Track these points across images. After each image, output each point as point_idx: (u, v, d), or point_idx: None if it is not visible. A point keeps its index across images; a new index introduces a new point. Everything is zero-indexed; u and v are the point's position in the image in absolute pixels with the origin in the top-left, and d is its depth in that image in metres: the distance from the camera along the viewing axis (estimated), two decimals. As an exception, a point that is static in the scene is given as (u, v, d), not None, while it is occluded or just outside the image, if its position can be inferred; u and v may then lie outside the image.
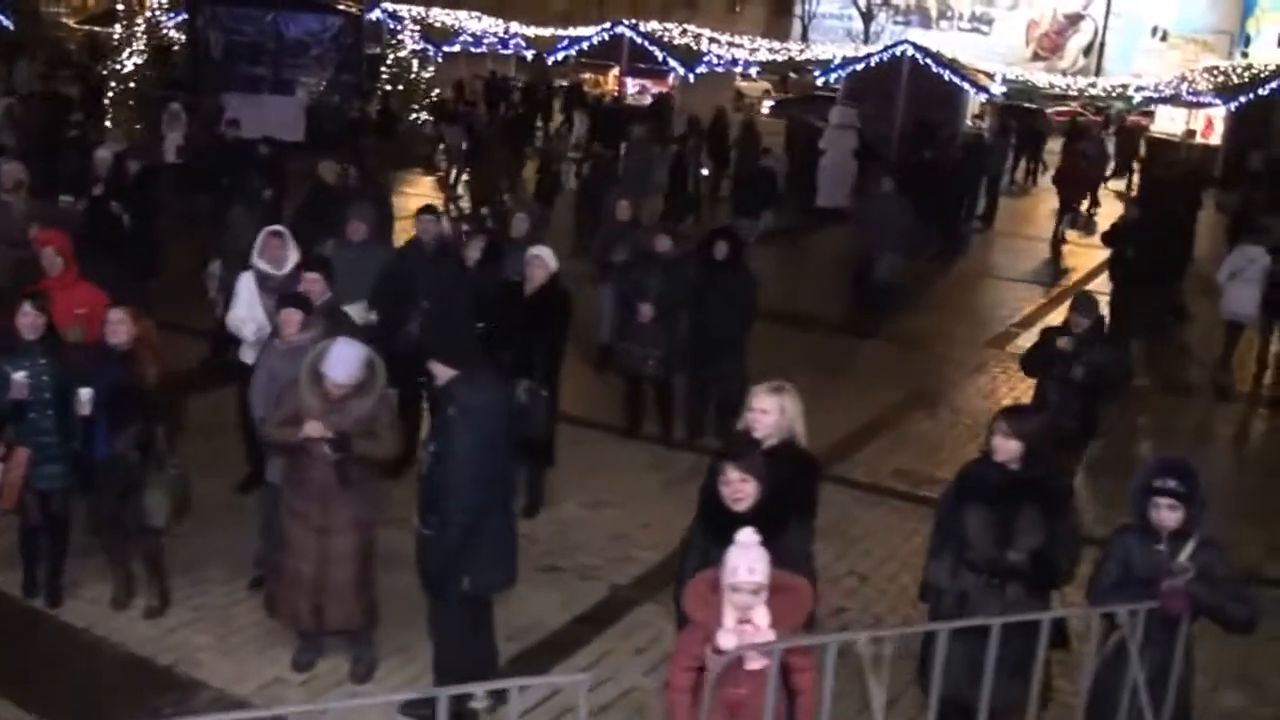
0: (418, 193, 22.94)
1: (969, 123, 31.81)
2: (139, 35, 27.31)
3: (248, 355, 7.99)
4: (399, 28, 29.07)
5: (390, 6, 33.55)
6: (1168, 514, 5.24)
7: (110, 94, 26.07)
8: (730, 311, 10.14)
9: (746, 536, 4.66)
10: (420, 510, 6.06)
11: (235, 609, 7.24)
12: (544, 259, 8.54)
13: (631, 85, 33.22)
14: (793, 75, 47.55)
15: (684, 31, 33.78)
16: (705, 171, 22.44)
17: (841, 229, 19.19)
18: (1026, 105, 35.82)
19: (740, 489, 5.09)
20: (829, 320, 15.14)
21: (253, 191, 12.52)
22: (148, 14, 28.43)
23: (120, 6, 27.03)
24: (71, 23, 45.49)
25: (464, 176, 21.83)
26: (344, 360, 6.15)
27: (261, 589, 7.33)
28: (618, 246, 11.95)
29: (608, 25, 33.43)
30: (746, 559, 4.59)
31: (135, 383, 6.64)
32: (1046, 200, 26.18)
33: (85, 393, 6.64)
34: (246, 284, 8.32)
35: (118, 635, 6.89)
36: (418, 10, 35.22)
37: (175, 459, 6.85)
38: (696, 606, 4.81)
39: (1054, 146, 31.49)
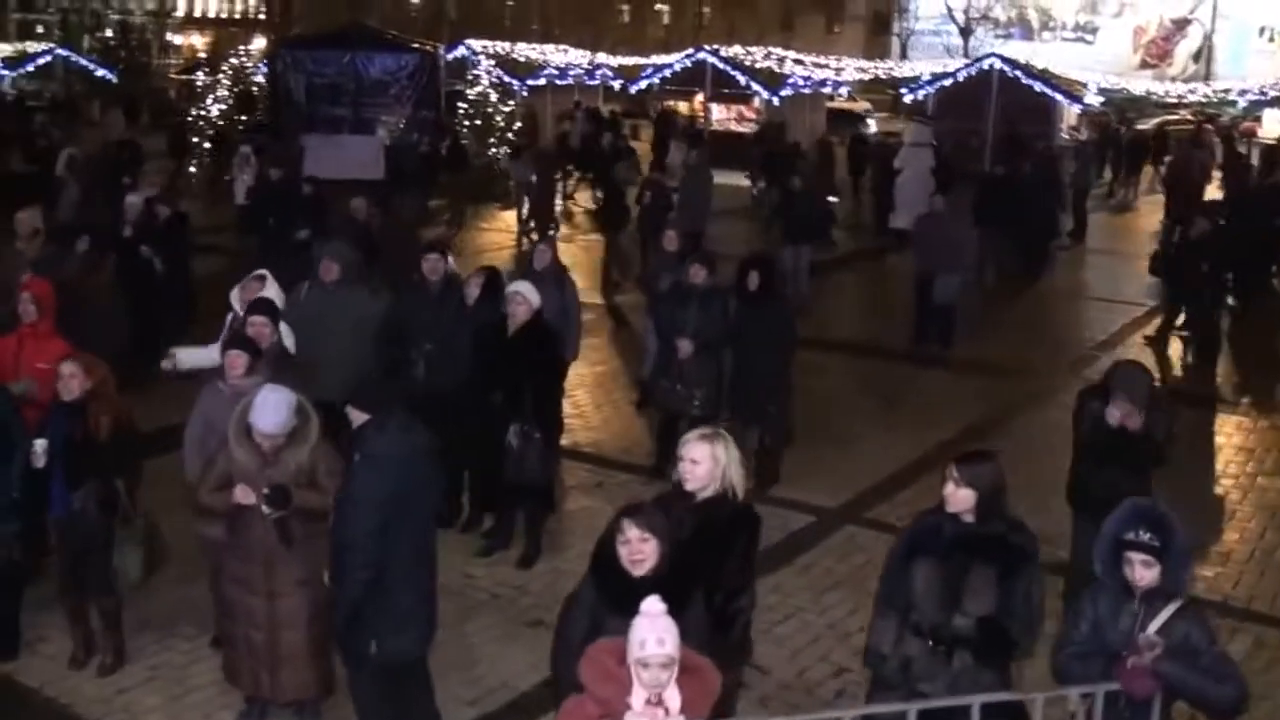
0: (491, 227, 22.93)
1: (1064, 135, 30.74)
2: (223, 81, 27.92)
3: None
4: (477, 63, 29.11)
5: (475, 44, 33.68)
6: (1141, 570, 4.62)
7: (195, 140, 26.64)
8: (767, 346, 9.61)
9: (652, 605, 4.14)
10: (329, 562, 5.70)
11: (194, 667, 6.97)
12: (525, 295, 8.17)
13: (716, 111, 32.80)
14: (890, 93, 46.75)
15: (768, 55, 33.32)
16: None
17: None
18: (1130, 115, 34.59)
19: (639, 550, 4.62)
20: (889, 347, 14.52)
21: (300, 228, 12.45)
22: (233, 60, 29.08)
23: (202, 55, 27.62)
24: (174, 74, 46.84)
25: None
26: (271, 407, 5.84)
27: (222, 647, 7.10)
28: (663, 278, 11.58)
29: (690, 52, 33.13)
30: (655, 630, 4.06)
31: (89, 436, 6.42)
32: (1148, 214, 25.09)
33: (40, 444, 6.46)
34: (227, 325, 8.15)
35: (68, 696, 6.67)
36: (503, 45, 35.36)
37: (141, 513, 6.60)
38: (599, 680, 4.33)
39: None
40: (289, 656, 6.01)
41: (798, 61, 34.05)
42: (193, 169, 25.66)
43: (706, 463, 5.23)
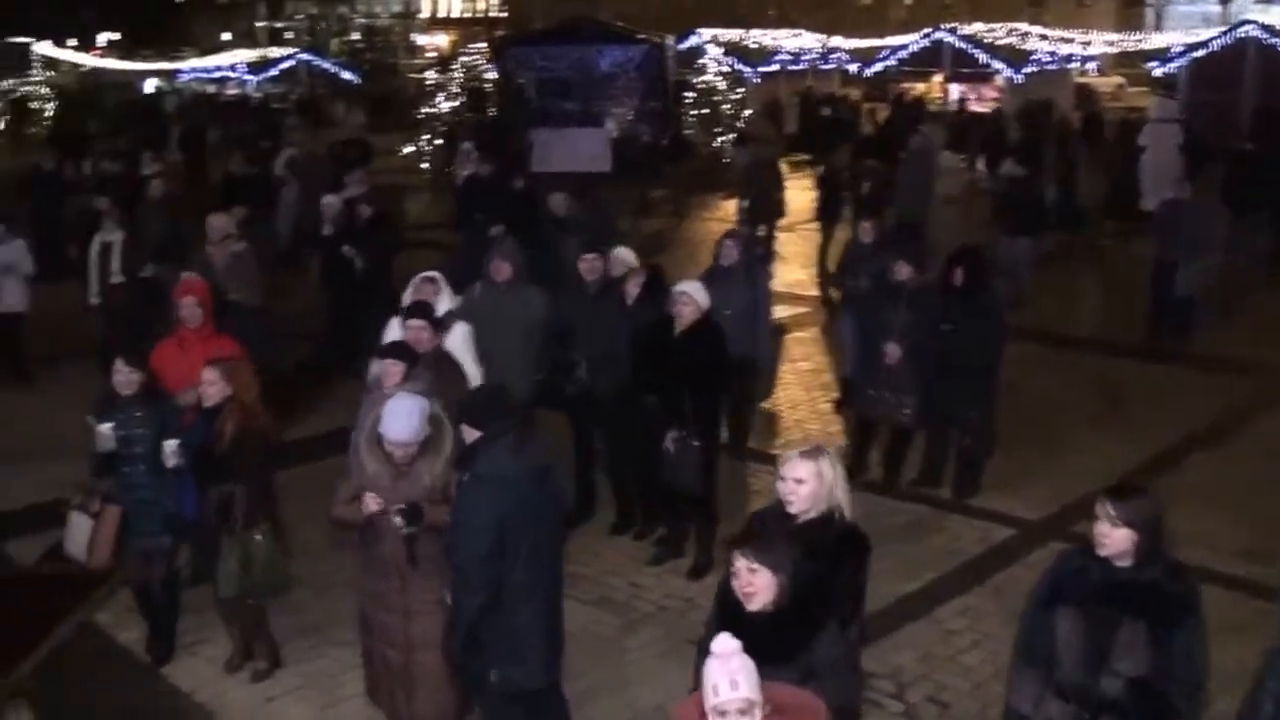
0: (713, 216, 22.59)
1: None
2: (455, 79, 28.53)
3: None
4: (704, 51, 28.83)
5: (706, 32, 33.40)
6: None
7: (426, 137, 27.33)
8: (973, 346, 8.91)
9: (722, 645, 3.73)
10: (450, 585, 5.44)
11: (345, 676, 6.83)
12: (692, 296, 7.74)
13: (955, 91, 31.53)
14: (1144, 66, 44.07)
15: (1009, 31, 31.82)
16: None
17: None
18: None
19: (749, 581, 4.20)
20: (1117, 341, 13.43)
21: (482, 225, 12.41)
22: (464, 58, 29.69)
23: (433, 54, 28.37)
24: (410, 75, 48.31)
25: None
26: (402, 415, 5.57)
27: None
28: (860, 273, 11.00)
29: (927, 31, 31.98)
30: (726, 672, 3.67)
31: (217, 443, 6.39)
32: None
33: (170, 444, 6.50)
34: (394, 329, 8.04)
35: (216, 702, 6.66)
36: (735, 33, 34.95)
37: (263, 526, 6.52)
38: None
39: None
40: (424, 677, 5.77)
41: (1042, 37, 32.40)
42: (424, 165, 26.31)
43: (812, 482, 4.75)
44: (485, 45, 29.47)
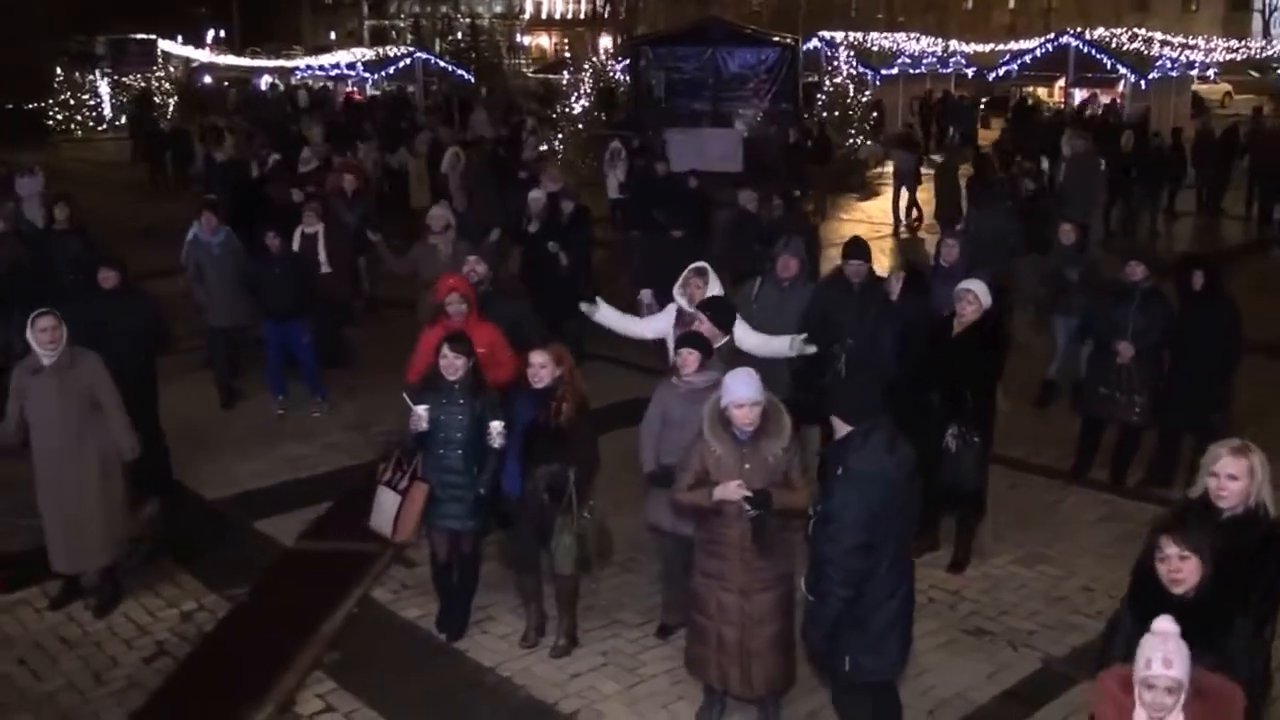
0: (850, 218, 22.60)
1: None
2: (586, 79, 28.77)
3: None
4: (834, 54, 28.81)
5: (828, 34, 33.39)
6: None
7: (560, 135, 27.58)
8: (1213, 351, 8.96)
9: (1163, 625, 3.94)
10: (805, 578, 5.54)
11: (644, 655, 7.02)
12: (976, 293, 7.80)
13: (1078, 96, 31.21)
14: (1253, 74, 43.36)
15: (1133, 36, 31.45)
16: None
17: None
18: None
19: (1178, 568, 4.31)
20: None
21: (678, 224, 12.52)
22: (595, 59, 29.91)
23: (568, 55, 28.60)
24: (528, 73, 48.69)
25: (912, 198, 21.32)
26: (743, 378, 5.79)
27: (669, 636, 7.14)
28: (1068, 273, 11.06)
29: (1052, 36, 31.71)
30: (1163, 650, 3.89)
31: (548, 422, 6.56)
32: None
33: (496, 425, 6.65)
34: (668, 314, 8.28)
35: (522, 676, 6.82)
36: (855, 36, 34.92)
37: (590, 503, 6.69)
38: (1106, 707, 4.07)
39: None
40: (759, 652, 5.91)
41: (1164, 42, 31.98)
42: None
43: (1244, 479, 4.79)
44: (606, 46, 29.72)
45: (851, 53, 29.61)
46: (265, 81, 45.03)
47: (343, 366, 12.37)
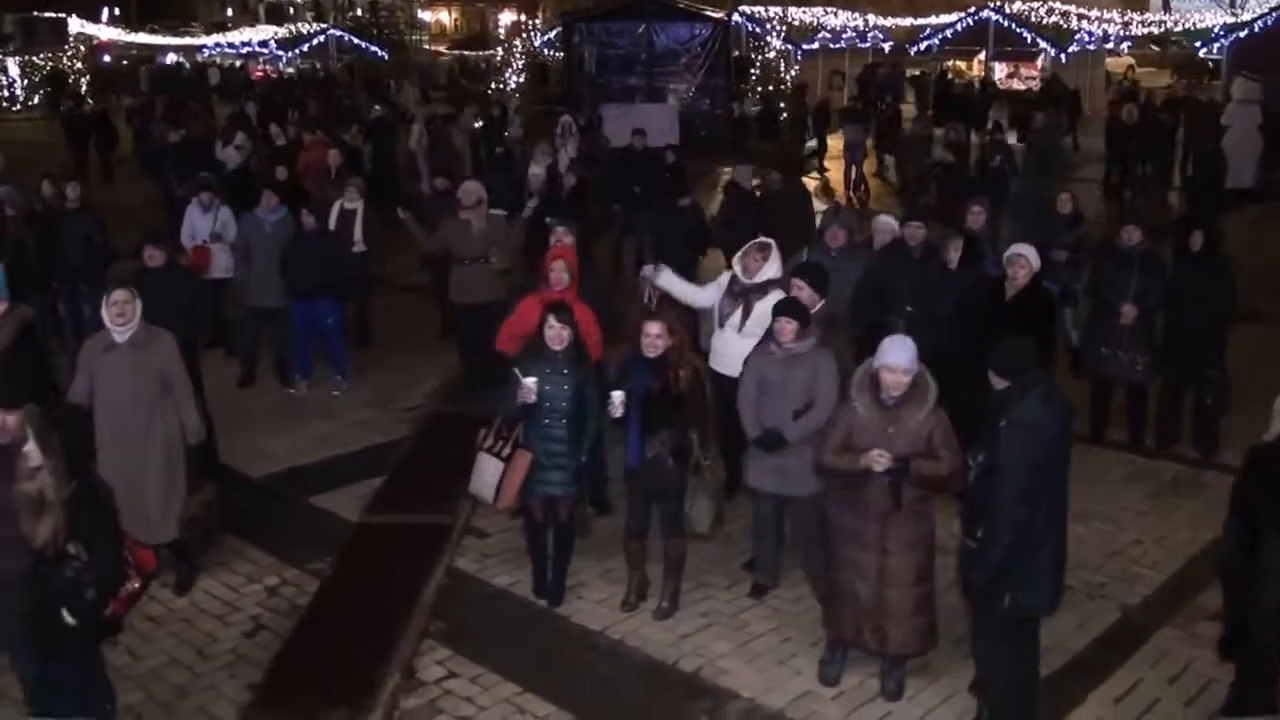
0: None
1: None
2: (518, 56, 28.73)
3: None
4: (765, 30, 29.13)
5: (748, 9, 33.68)
6: None
7: (495, 112, 27.46)
8: (1210, 307, 9.40)
9: None
10: (965, 521, 5.84)
11: (744, 616, 7.23)
12: (1028, 257, 8.14)
13: (999, 70, 32.04)
14: (1154, 48, 44.82)
15: (1050, 10, 32.37)
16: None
17: (1248, 212, 17.67)
18: None
19: None
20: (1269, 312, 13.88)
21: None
22: (523, 35, 29.87)
23: (501, 32, 28.46)
24: (442, 49, 48.20)
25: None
26: (900, 344, 6.09)
27: (762, 597, 7.36)
28: (1054, 255, 11.42)
29: (972, 10, 32.45)
30: None
31: (667, 389, 6.73)
32: None
33: (617, 395, 6.78)
34: (719, 284, 8.45)
35: (634, 639, 6.99)
36: (775, 10, 35.26)
37: (710, 464, 6.89)
38: None
39: None
40: (893, 613, 6.16)
41: (1082, 16, 32.95)
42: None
43: None
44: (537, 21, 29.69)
45: (783, 28, 29.97)
46: (170, 59, 43.99)
47: (367, 346, 12.34)
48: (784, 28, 30.20)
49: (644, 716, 6.29)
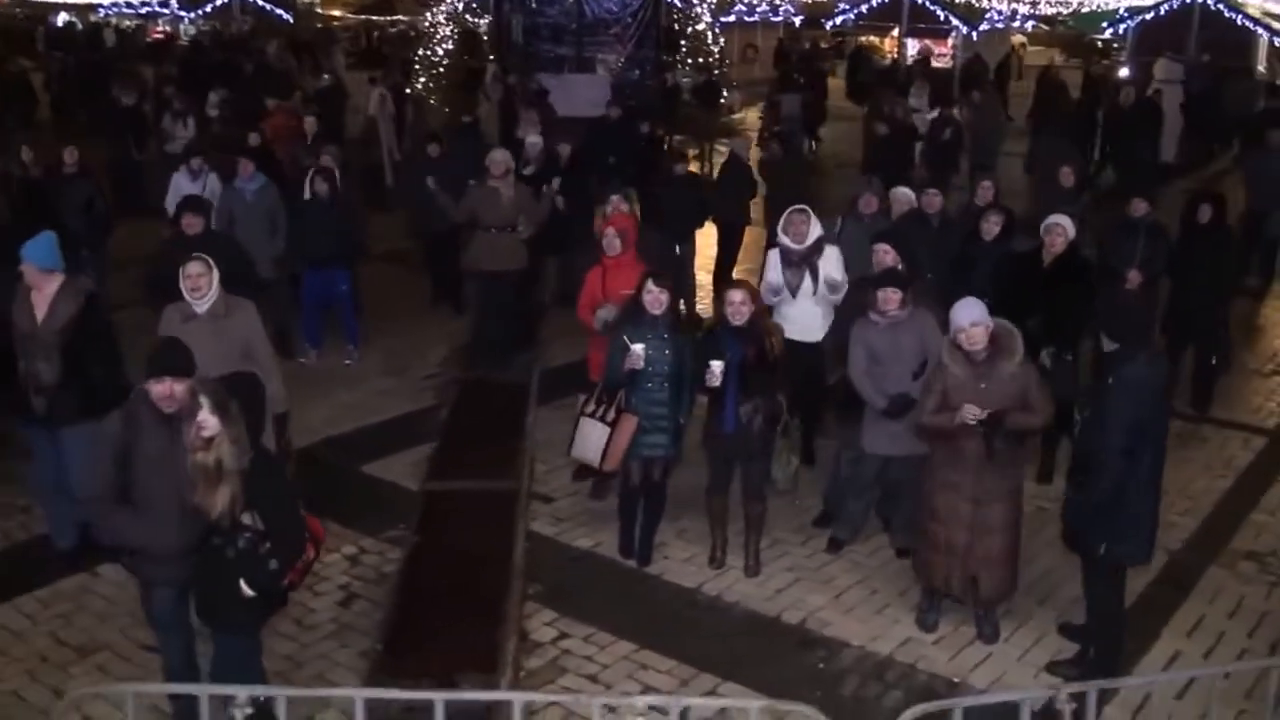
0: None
1: (1262, 69, 30.21)
2: (443, 23, 28.47)
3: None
4: (694, 2, 29.32)
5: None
6: None
7: (422, 81, 27.27)
8: (1216, 273, 10.07)
9: None
10: (1070, 471, 6.28)
11: (828, 569, 7.61)
12: (1064, 227, 8.59)
13: (911, 46, 32.74)
14: (1043, 27, 46.05)
15: (957, -12, 33.13)
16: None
17: (1175, 186, 18.49)
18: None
19: None
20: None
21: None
22: (448, 3, 29.60)
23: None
24: (345, 14, 47.23)
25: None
26: (969, 303, 6.48)
27: (839, 551, 7.73)
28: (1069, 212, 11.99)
29: (885, -14, 33.08)
30: None
31: (761, 355, 7.03)
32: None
33: (717, 365, 7.01)
34: (774, 258, 8.71)
35: (730, 594, 7.31)
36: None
37: (796, 423, 7.23)
38: None
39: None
40: (986, 561, 6.58)
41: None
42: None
43: None
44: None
45: (712, 2, 30.21)
46: (62, 19, 42.45)
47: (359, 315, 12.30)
48: (712, 1, 30.40)
49: (762, 666, 6.57)
